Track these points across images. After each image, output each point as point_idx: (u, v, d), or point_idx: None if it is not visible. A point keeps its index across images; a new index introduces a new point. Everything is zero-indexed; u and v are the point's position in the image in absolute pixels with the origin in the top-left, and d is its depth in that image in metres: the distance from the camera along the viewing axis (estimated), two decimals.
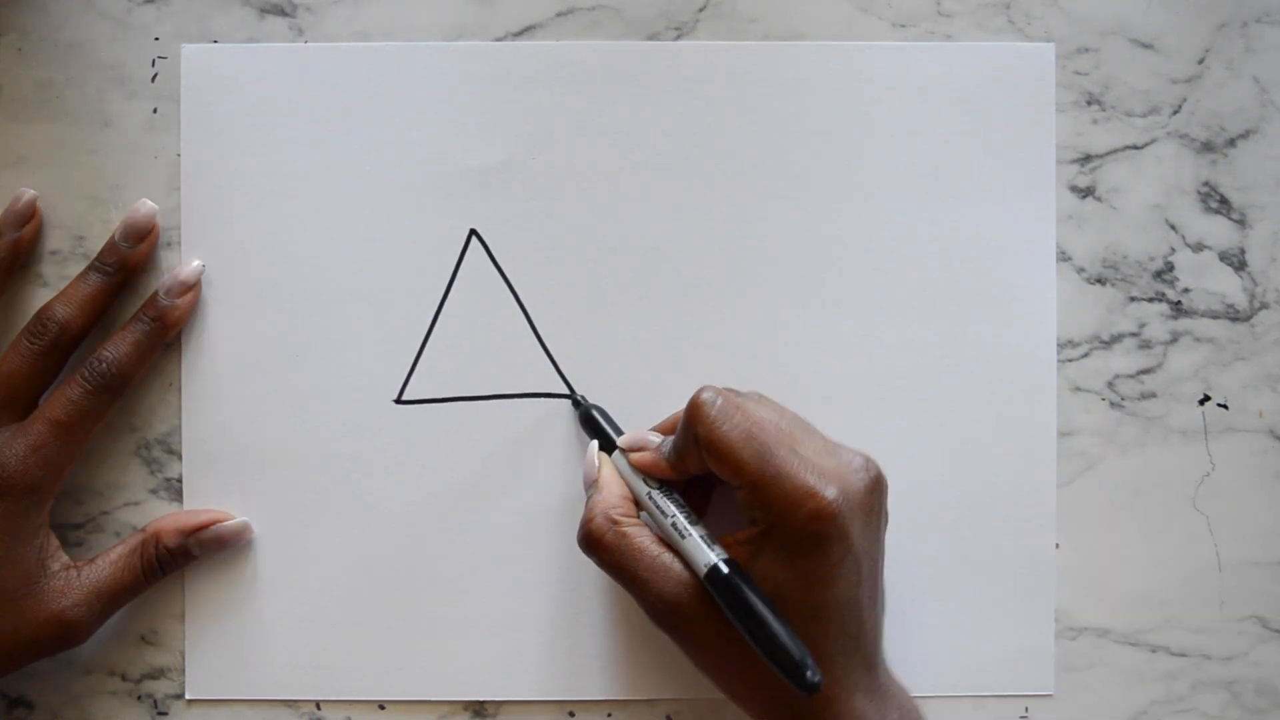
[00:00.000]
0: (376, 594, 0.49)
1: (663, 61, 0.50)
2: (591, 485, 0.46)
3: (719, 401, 0.43)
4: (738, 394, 0.45)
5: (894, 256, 0.50)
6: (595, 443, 0.47)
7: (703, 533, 0.44)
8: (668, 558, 0.44)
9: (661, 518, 0.45)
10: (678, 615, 0.43)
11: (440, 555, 0.49)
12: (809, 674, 0.40)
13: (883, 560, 0.44)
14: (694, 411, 0.43)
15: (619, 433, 0.48)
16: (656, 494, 0.45)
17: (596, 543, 0.44)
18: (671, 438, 0.45)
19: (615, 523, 0.44)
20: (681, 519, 0.44)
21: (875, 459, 0.44)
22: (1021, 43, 0.50)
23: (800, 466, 0.42)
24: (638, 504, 0.46)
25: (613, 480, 0.46)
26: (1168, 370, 0.50)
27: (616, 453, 0.47)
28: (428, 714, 0.50)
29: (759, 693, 0.43)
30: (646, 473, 0.46)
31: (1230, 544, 0.50)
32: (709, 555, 0.43)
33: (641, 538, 0.44)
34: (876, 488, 0.43)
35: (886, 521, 0.44)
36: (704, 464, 0.44)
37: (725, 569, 0.42)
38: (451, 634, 0.49)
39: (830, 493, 0.41)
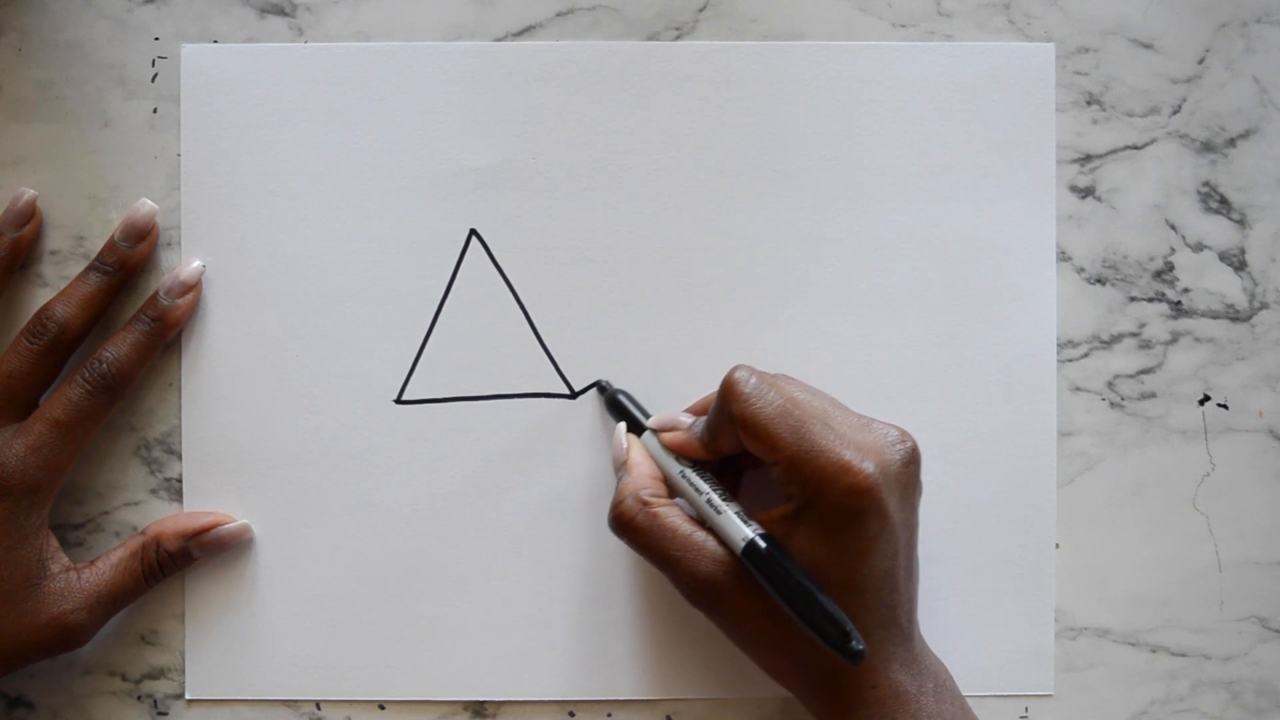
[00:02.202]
0: (376, 594, 0.49)
1: (663, 61, 0.50)
2: (621, 467, 0.46)
3: (753, 379, 0.43)
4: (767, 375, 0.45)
5: (894, 256, 0.50)
6: (623, 424, 0.47)
7: (737, 509, 0.44)
8: (701, 536, 0.44)
9: (695, 495, 0.44)
10: (713, 593, 0.43)
11: (440, 555, 0.49)
12: (854, 643, 0.41)
13: (917, 532, 0.45)
14: (728, 390, 0.43)
15: (646, 415, 0.48)
16: (690, 472, 0.45)
17: (628, 524, 0.44)
18: (703, 418, 0.45)
19: (646, 504, 0.44)
20: (716, 496, 0.44)
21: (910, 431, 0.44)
22: (1021, 43, 0.50)
23: (836, 441, 0.42)
24: (668, 484, 0.46)
25: (642, 461, 0.46)
26: (1168, 370, 0.50)
27: (646, 434, 0.47)
28: (428, 714, 0.50)
29: (797, 666, 0.44)
30: (679, 452, 0.46)
31: (1230, 544, 0.50)
32: (745, 530, 0.43)
33: (673, 517, 0.44)
34: (912, 460, 0.43)
35: (920, 492, 0.45)
36: (738, 443, 0.44)
37: (764, 543, 0.42)
38: (451, 634, 0.49)
39: (867, 467, 0.41)
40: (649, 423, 0.47)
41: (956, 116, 0.50)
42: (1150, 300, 0.50)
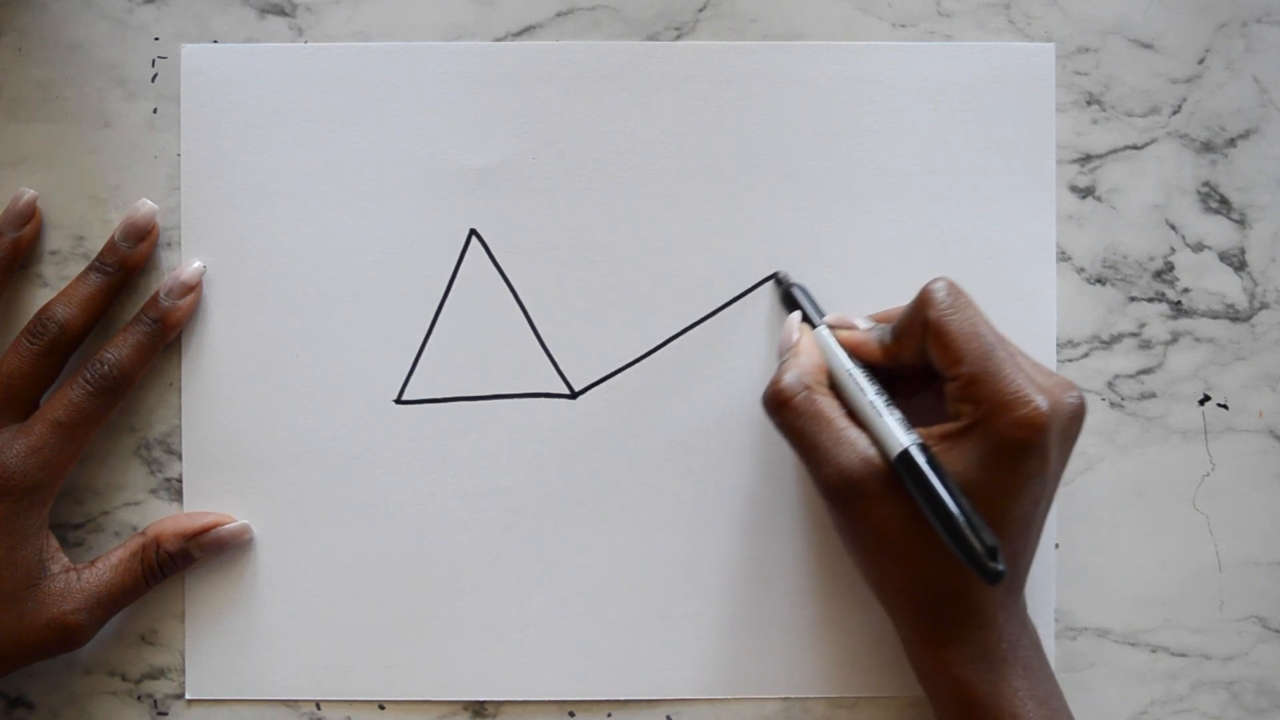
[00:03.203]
0: (376, 594, 0.49)
1: (663, 61, 0.50)
2: (787, 351, 0.46)
3: (953, 292, 0.44)
4: None
5: (894, 256, 0.50)
6: (798, 313, 0.48)
7: (900, 416, 0.44)
8: (854, 432, 0.44)
9: (859, 394, 0.45)
10: (853, 490, 0.43)
11: (439, 555, 0.49)
12: (997, 563, 0.41)
13: (1056, 491, 0.45)
14: (927, 297, 0.44)
15: (821, 313, 0.48)
16: (858, 371, 0.45)
17: (784, 402, 0.45)
18: (880, 325, 0.46)
19: (808, 387, 0.45)
20: (880, 400, 0.44)
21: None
22: (1021, 43, 0.50)
23: (1017, 372, 0.42)
24: (831, 382, 0.46)
25: (811, 349, 0.46)
26: (1168, 370, 0.50)
27: (821, 328, 0.47)
28: (428, 714, 0.50)
29: (911, 584, 0.44)
30: (854, 351, 0.46)
31: (1230, 544, 0.50)
32: (905, 437, 0.43)
33: (831, 407, 0.44)
34: (1080, 414, 0.44)
35: (1071, 453, 0.45)
36: (919, 352, 0.44)
37: (924, 452, 0.42)
38: (451, 634, 0.49)
39: (1043, 404, 0.42)
40: (826, 318, 0.47)
41: (956, 116, 0.50)
42: (1150, 300, 0.50)
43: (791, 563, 0.49)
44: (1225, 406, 0.50)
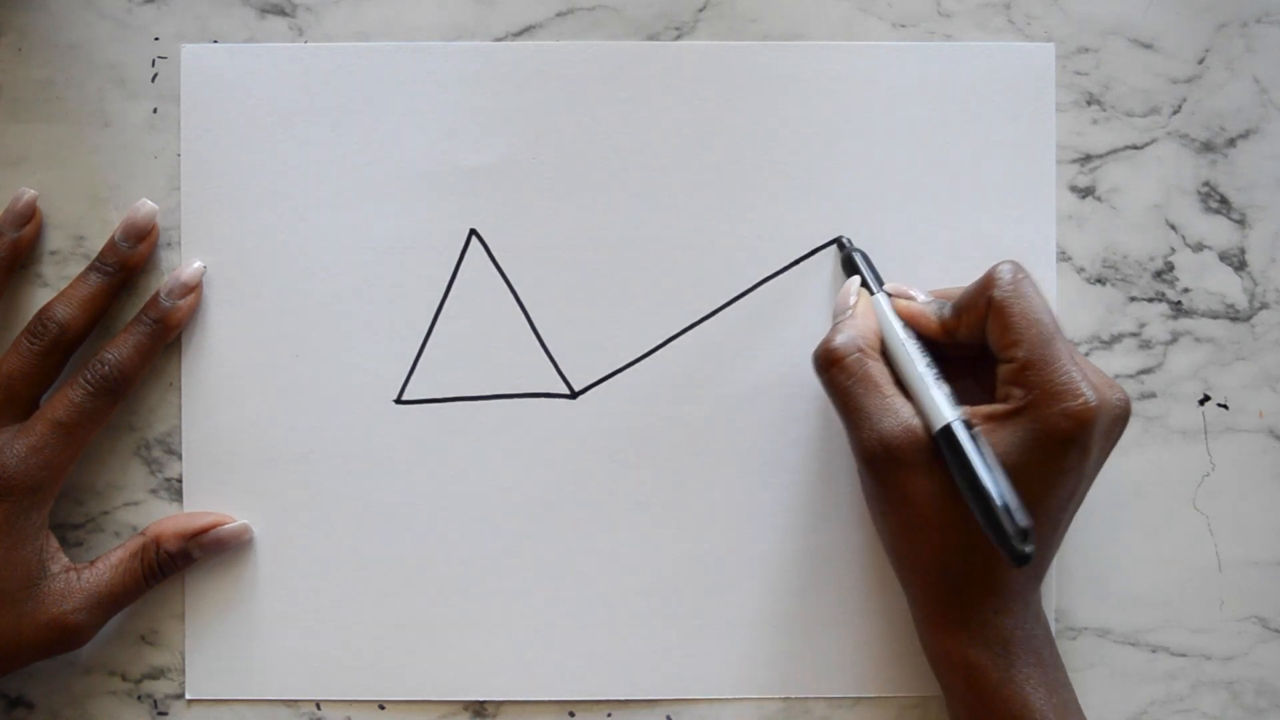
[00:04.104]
0: (376, 594, 0.49)
1: (663, 61, 0.50)
2: (843, 313, 0.47)
3: (1023, 275, 0.44)
4: None
5: (895, 257, 0.50)
6: (856, 277, 0.48)
7: (949, 390, 0.44)
8: (900, 401, 0.44)
9: (910, 364, 0.45)
10: (891, 458, 0.43)
11: (440, 555, 0.50)
12: (1027, 545, 0.41)
13: (1088, 492, 0.45)
14: (995, 277, 0.44)
15: (880, 282, 0.48)
16: (911, 342, 0.45)
17: (836, 361, 0.45)
18: (939, 300, 0.46)
19: (860, 350, 0.45)
20: (930, 373, 0.44)
21: None
22: (1021, 43, 0.50)
23: (1071, 364, 0.43)
24: (884, 350, 0.46)
25: (867, 314, 0.46)
26: (1168, 370, 0.50)
27: (879, 295, 0.47)
28: (428, 714, 0.50)
29: (934, 561, 0.44)
30: (909, 322, 0.46)
31: (1230, 544, 0.50)
32: (951, 412, 0.43)
33: (881, 374, 0.45)
34: (1125, 416, 0.44)
35: (1108, 454, 0.45)
36: (976, 331, 0.44)
37: (967, 429, 0.43)
38: (451, 634, 0.49)
39: (1092, 398, 0.42)
40: (886, 286, 0.47)
41: (956, 116, 0.50)
42: (1150, 300, 0.50)
43: (792, 563, 0.49)
44: (1225, 406, 0.50)
